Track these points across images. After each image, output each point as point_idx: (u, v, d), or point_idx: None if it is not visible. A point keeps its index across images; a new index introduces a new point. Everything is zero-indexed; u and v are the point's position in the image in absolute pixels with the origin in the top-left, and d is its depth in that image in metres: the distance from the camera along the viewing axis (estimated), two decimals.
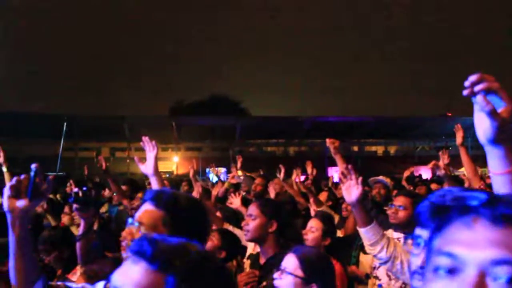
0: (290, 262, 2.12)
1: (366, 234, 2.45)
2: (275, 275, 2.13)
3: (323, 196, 6.19)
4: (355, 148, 42.83)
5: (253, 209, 2.74)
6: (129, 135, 33.90)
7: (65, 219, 4.67)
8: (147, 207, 1.62)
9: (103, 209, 6.33)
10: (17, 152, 23.12)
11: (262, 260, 2.69)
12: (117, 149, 39.85)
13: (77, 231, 3.88)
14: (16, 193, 1.56)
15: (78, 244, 2.39)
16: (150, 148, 2.70)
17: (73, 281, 2.35)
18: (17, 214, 1.55)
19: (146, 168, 2.62)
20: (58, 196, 7.00)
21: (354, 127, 36.70)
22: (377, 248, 2.42)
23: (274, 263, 2.48)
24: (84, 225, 2.34)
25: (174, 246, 0.92)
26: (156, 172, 2.59)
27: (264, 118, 40.75)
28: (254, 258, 2.81)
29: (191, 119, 39.41)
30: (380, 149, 46.74)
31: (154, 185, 2.54)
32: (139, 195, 5.02)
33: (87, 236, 2.33)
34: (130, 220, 1.58)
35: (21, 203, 1.55)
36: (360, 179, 2.42)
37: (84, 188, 2.27)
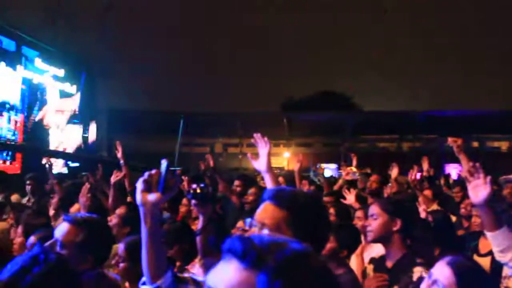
0: (445, 275, 1.81)
1: (495, 239, 2.25)
2: (424, 284, 1.91)
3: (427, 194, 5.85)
4: (475, 144, 40.08)
5: (374, 208, 2.63)
6: (241, 131, 34.73)
7: (183, 210, 4.91)
8: (268, 206, 1.60)
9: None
10: (138, 148, 24.81)
11: (389, 263, 2.56)
12: (230, 145, 41.06)
13: (193, 224, 4.04)
14: (147, 187, 1.61)
15: (198, 238, 2.46)
16: (262, 145, 2.67)
17: (193, 273, 2.44)
18: (149, 207, 1.60)
19: (259, 164, 2.60)
20: None
21: (473, 121, 34.37)
22: (508, 256, 2.21)
23: (404, 266, 2.37)
24: (203, 219, 2.41)
25: (267, 243, 0.90)
26: (269, 169, 2.56)
27: (376, 113, 39.68)
28: (378, 261, 2.70)
29: (302, 114, 39.46)
30: (504, 145, 43.26)
31: (268, 182, 2.53)
32: (252, 190, 5.09)
33: (206, 230, 2.40)
34: (248, 220, 1.57)
35: (152, 196, 1.60)
36: (488, 178, 2.23)
37: (202, 185, 2.33)
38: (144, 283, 1.66)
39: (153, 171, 1.63)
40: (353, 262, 3.45)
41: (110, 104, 27.15)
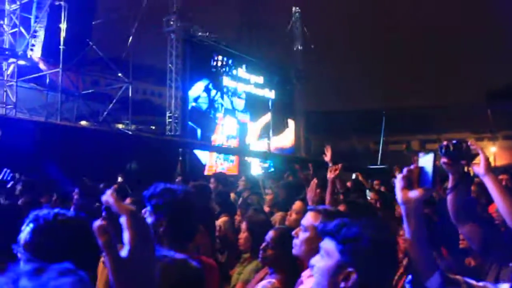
0: None
1: None
2: None
3: None
4: None
5: None
6: (439, 126, 32.92)
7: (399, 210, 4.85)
8: None
9: None
10: (334, 148, 25.24)
11: None
12: (428, 141, 39.07)
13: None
14: (408, 184, 1.57)
15: (448, 198, 2.34)
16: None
17: None
18: (412, 205, 1.56)
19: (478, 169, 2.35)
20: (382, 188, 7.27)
21: None
22: None
23: None
24: (453, 178, 2.28)
25: None
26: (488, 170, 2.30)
27: None
28: None
29: (509, 103, 35.56)
30: None
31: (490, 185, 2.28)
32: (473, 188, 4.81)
33: (456, 189, 2.27)
34: None
35: (414, 193, 1.56)
36: None
37: (454, 141, 2.22)
38: (409, 282, 1.63)
39: (412, 166, 1.58)
40: None
41: (307, 106, 28.15)
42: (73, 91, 16.24)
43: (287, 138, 25.05)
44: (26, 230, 1.81)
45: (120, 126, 18.47)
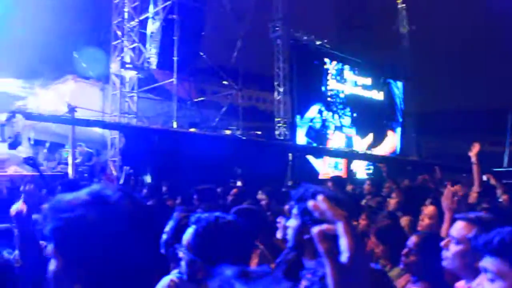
0: None
1: None
2: None
3: None
4: None
5: None
6: None
7: None
8: None
9: None
10: (447, 149, 24.02)
11: None
12: None
13: None
14: None
15: None
16: None
17: None
18: None
19: None
20: None
21: None
22: None
23: None
24: None
25: None
26: None
27: None
28: None
29: None
30: None
31: None
32: None
33: None
34: None
35: None
36: None
37: None
38: None
39: None
40: None
41: (417, 107, 27.03)
42: (187, 99, 17.01)
43: (388, 144, 24.40)
44: (189, 232, 1.90)
45: (228, 132, 19.02)
